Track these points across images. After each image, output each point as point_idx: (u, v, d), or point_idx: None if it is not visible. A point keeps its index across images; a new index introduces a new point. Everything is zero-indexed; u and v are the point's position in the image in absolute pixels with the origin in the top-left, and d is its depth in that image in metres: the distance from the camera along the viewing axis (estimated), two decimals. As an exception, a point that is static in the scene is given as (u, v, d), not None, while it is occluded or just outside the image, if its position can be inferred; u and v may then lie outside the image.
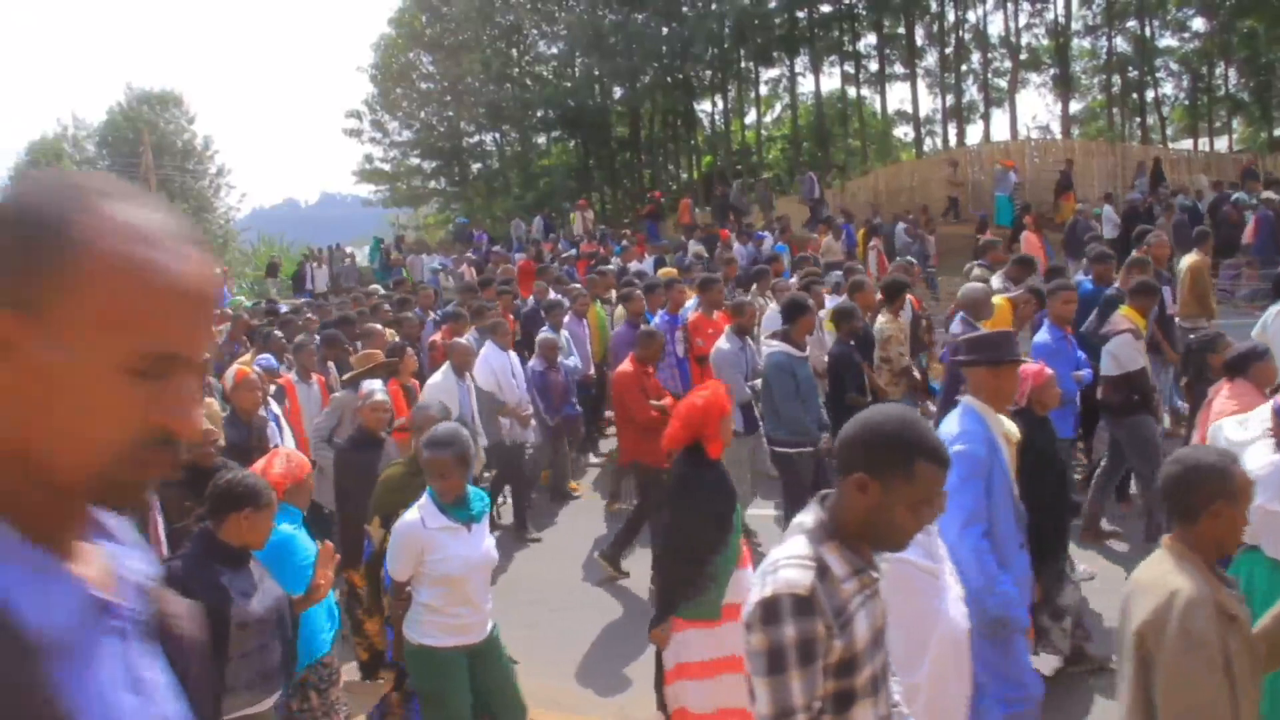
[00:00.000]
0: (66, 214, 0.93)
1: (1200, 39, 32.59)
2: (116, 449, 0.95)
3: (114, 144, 44.70)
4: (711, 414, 4.41)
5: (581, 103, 36.69)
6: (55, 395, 0.93)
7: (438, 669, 4.32)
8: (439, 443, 4.27)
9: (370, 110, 42.26)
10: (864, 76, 36.55)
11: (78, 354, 0.92)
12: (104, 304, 0.92)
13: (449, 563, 4.21)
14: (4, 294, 0.92)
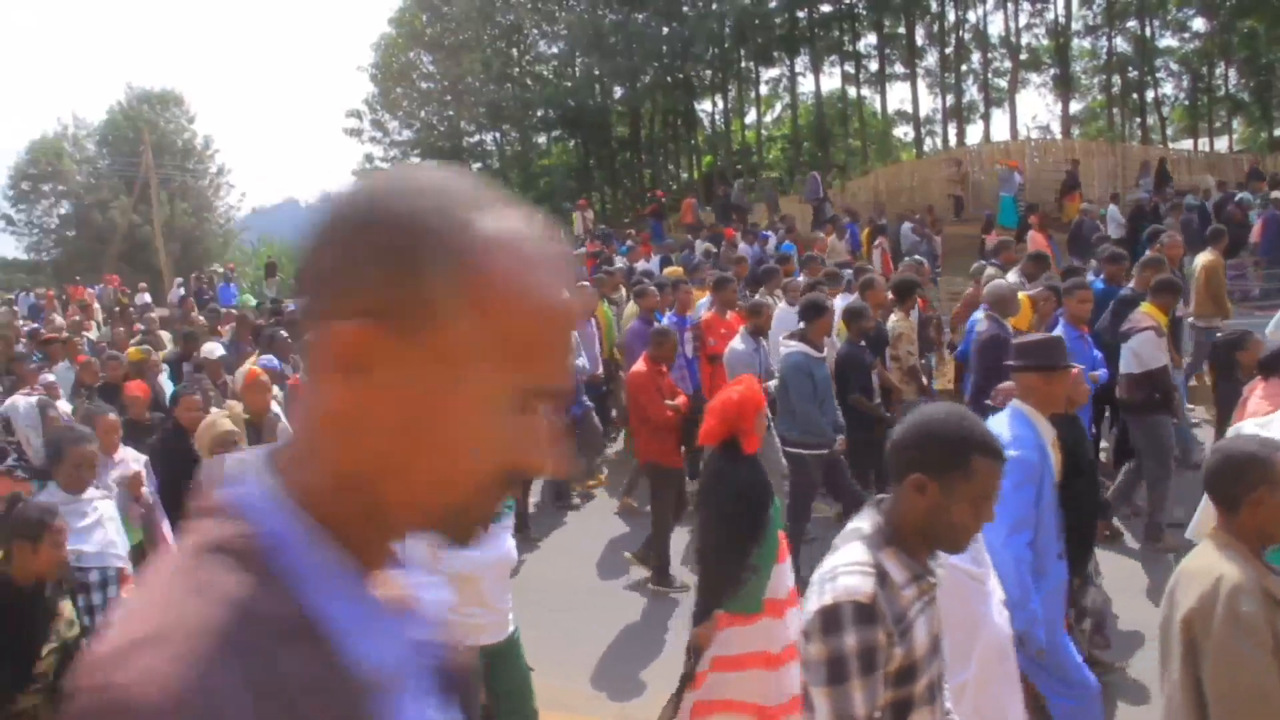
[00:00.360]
0: (451, 224, 0.83)
1: (1200, 39, 32.63)
2: (477, 484, 0.86)
3: (114, 143, 44.59)
4: (747, 409, 4.38)
5: (582, 102, 36.69)
6: (426, 423, 0.83)
7: None
8: None
9: (370, 110, 42.31)
10: (864, 76, 36.60)
11: (459, 380, 0.83)
12: (494, 328, 0.83)
13: (459, 560, 4.12)
14: (372, 305, 0.82)
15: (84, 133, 47.17)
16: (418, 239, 0.82)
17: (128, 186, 40.31)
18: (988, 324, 7.32)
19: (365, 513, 0.87)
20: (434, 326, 0.82)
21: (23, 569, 3.83)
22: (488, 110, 38.99)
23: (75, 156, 46.34)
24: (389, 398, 0.83)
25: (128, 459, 5.89)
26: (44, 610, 3.91)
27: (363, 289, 0.82)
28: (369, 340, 0.81)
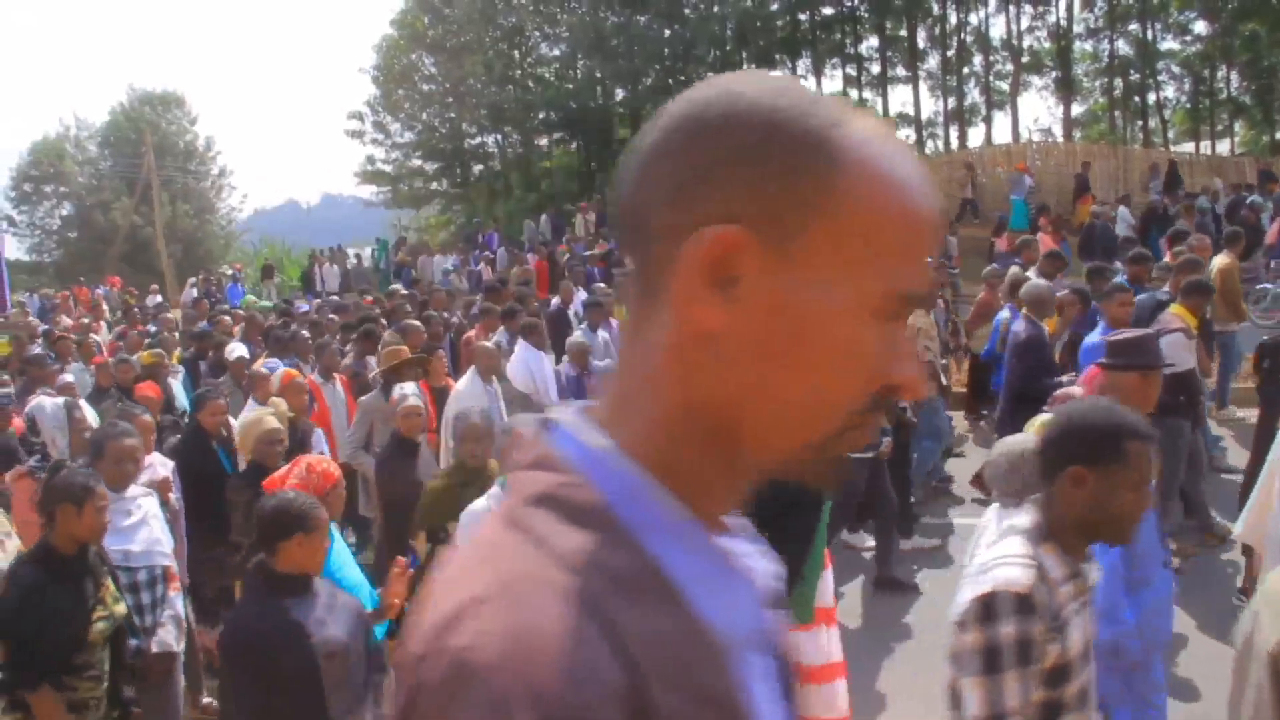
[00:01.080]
0: (819, 123, 0.77)
1: (1202, 42, 32.62)
2: (849, 406, 0.78)
3: (116, 144, 44.65)
4: None
5: (583, 104, 36.70)
6: (797, 337, 0.76)
7: None
8: None
9: (372, 111, 42.25)
10: (866, 79, 36.58)
11: (833, 288, 0.75)
12: (867, 230, 0.76)
13: None
14: (739, 210, 0.75)
15: (86, 134, 47.27)
16: (789, 138, 0.76)
17: (129, 188, 40.36)
18: (1025, 325, 7.22)
19: (714, 453, 0.80)
20: (805, 231, 0.75)
21: (65, 534, 3.82)
22: (489, 112, 39.00)
23: (77, 158, 46.40)
24: (758, 312, 0.76)
25: (156, 463, 5.81)
26: (91, 576, 3.89)
27: (729, 192, 0.76)
28: (741, 246, 0.74)
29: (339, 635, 3.36)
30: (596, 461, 0.79)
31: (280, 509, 3.44)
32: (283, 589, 3.39)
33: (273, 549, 3.40)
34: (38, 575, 3.77)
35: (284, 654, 3.20)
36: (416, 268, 24.86)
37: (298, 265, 32.92)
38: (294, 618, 3.28)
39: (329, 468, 4.29)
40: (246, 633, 3.29)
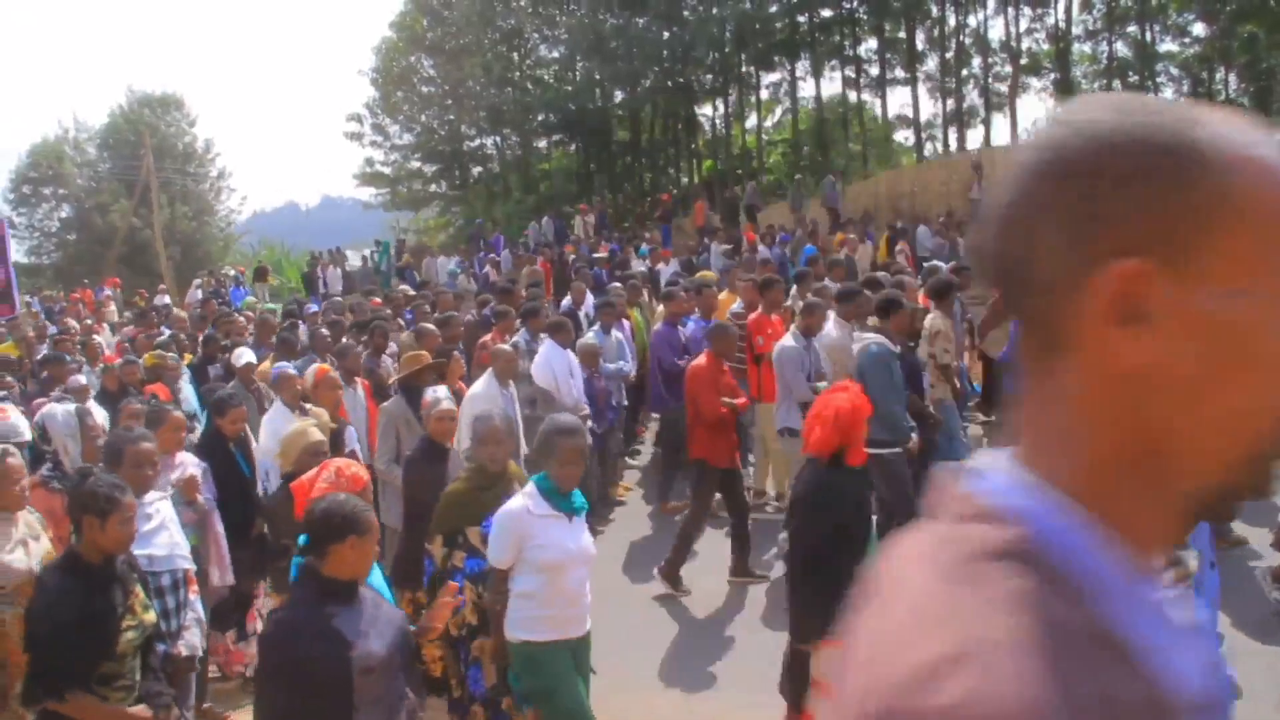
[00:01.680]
0: (1183, 129, 0.74)
1: (1201, 44, 32.67)
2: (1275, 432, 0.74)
3: (115, 146, 44.58)
4: (859, 417, 4.22)
5: (582, 106, 36.72)
6: (1224, 361, 0.73)
7: (542, 665, 4.23)
8: (569, 430, 4.28)
9: (371, 113, 42.31)
10: (865, 81, 36.59)
11: (1247, 300, 0.72)
12: (1264, 228, 0.73)
13: (549, 550, 4.18)
14: (1135, 240, 0.73)
15: (85, 136, 47.18)
16: (1159, 153, 0.73)
17: (128, 190, 40.32)
18: None
19: (1152, 492, 0.77)
20: (1204, 243, 0.72)
21: (91, 545, 3.77)
22: (488, 114, 39.03)
23: (76, 160, 46.31)
24: (1177, 338, 0.73)
25: (187, 463, 5.79)
26: (119, 585, 3.83)
27: (1117, 226, 0.73)
28: (1145, 276, 0.72)
29: (378, 649, 3.26)
30: (1037, 511, 0.76)
31: (331, 511, 3.35)
32: (330, 595, 3.29)
33: (323, 552, 3.30)
34: (65, 583, 3.72)
35: (320, 663, 3.14)
36: (421, 269, 24.86)
37: (296, 267, 32.88)
38: (335, 627, 3.20)
39: (358, 471, 4.18)
40: (286, 637, 3.24)
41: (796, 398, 7.78)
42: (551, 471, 4.26)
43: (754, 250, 18.41)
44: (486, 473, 4.76)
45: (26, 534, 4.41)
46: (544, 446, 4.30)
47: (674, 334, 9.50)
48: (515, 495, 4.34)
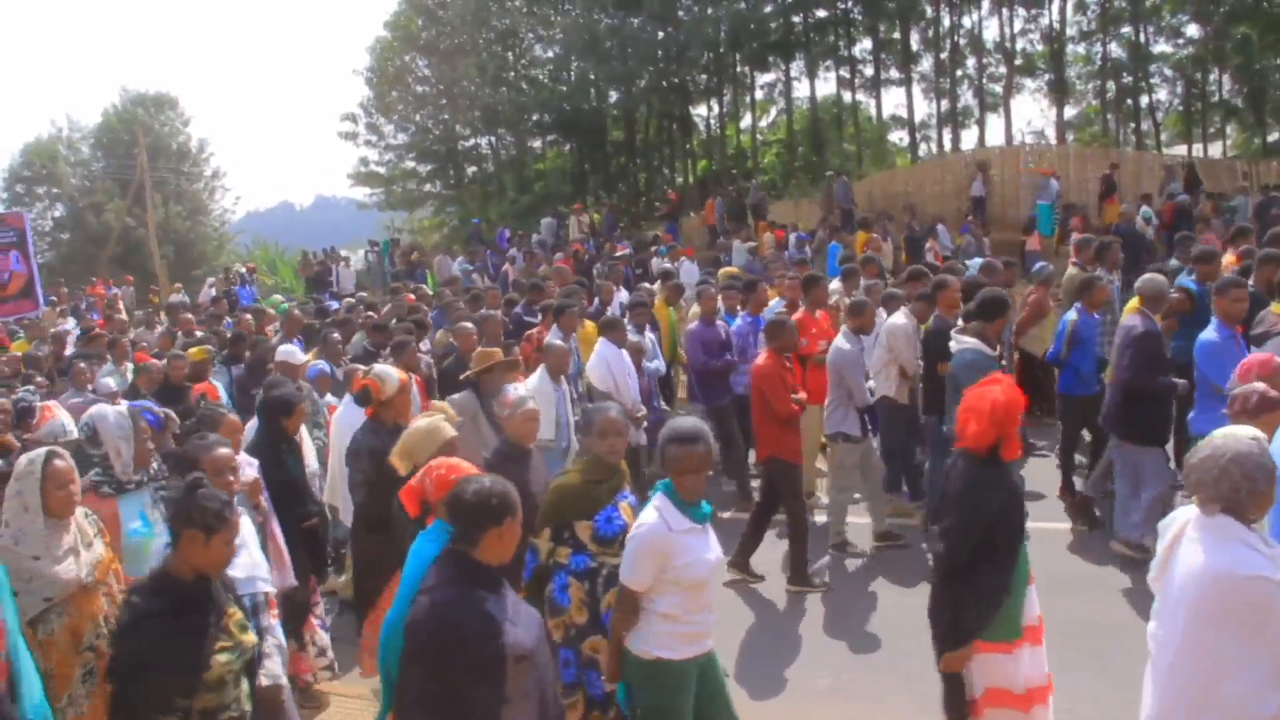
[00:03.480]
0: None
1: (1194, 45, 32.71)
2: None
3: (109, 146, 44.52)
4: (1014, 411, 4.02)
5: (577, 106, 36.72)
6: None
7: (673, 683, 3.99)
8: (691, 437, 3.97)
9: (365, 113, 42.29)
10: (859, 81, 36.66)
11: None
12: None
13: (695, 567, 3.92)
14: None
15: (78, 135, 47.10)
16: None
17: (122, 189, 40.27)
18: (1141, 320, 7.15)
19: None
20: None
21: (186, 563, 3.46)
22: (483, 114, 39.00)
23: (69, 159, 46.22)
24: None
25: (243, 463, 5.52)
26: (213, 608, 3.51)
27: None
28: None
29: (527, 639, 3.15)
30: None
31: (485, 494, 3.22)
32: (479, 580, 3.16)
33: (475, 538, 3.18)
34: (153, 604, 3.38)
35: (475, 646, 3.00)
36: (433, 268, 24.83)
37: (291, 267, 32.81)
38: (490, 611, 3.08)
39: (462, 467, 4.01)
40: (440, 617, 3.05)
41: (858, 403, 7.68)
42: (675, 481, 4.01)
43: (783, 248, 18.45)
44: (604, 465, 4.51)
45: (78, 542, 4.17)
46: (662, 455, 4.08)
47: (710, 332, 9.26)
48: (646, 509, 4.03)
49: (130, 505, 4.78)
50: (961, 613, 3.95)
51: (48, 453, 4.22)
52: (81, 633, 4.08)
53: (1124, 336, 7.24)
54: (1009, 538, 3.97)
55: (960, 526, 4.02)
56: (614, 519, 4.38)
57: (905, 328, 8.11)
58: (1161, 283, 7.51)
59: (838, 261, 13.14)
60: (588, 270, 17.96)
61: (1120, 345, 7.28)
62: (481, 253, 25.33)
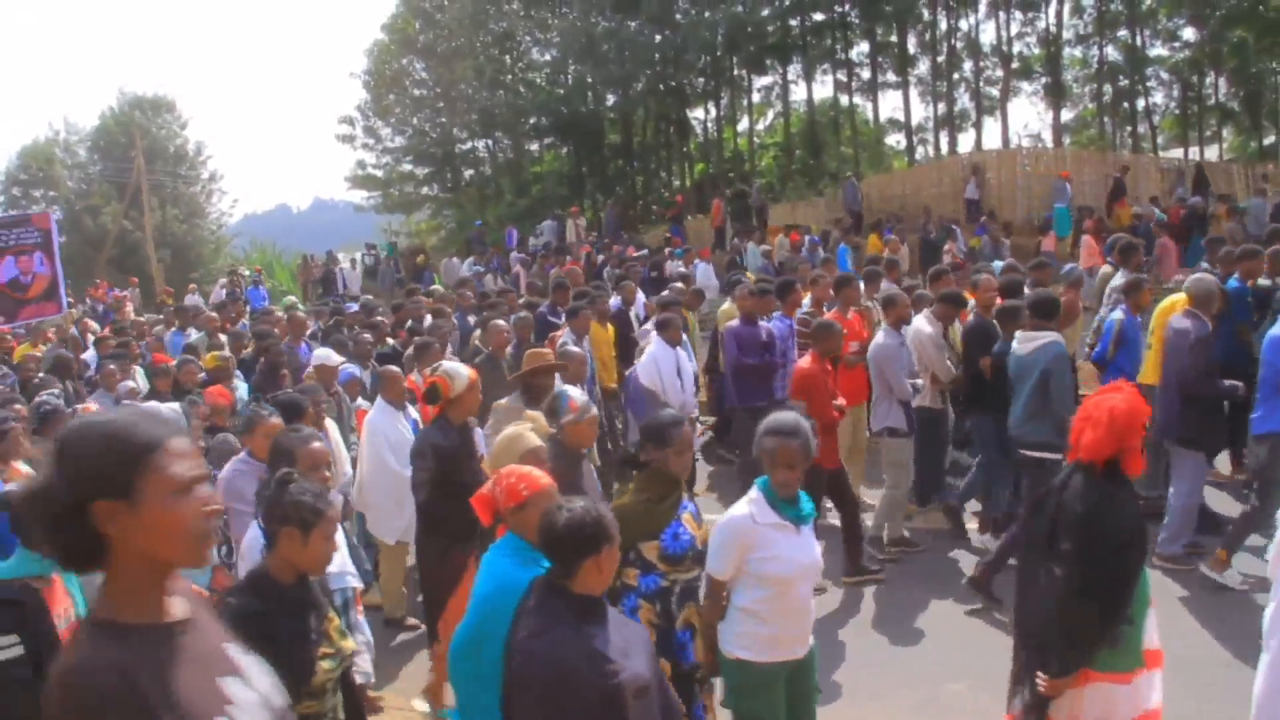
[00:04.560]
0: None
1: (1191, 48, 32.81)
2: None
3: (106, 149, 44.53)
4: (1137, 420, 3.77)
5: (574, 109, 36.74)
6: None
7: (756, 686, 3.87)
8: (786, 430, 3.86)
9: (363, 116, 42.29)
10: (856, 84, 36.67)
11: None
12: None
13: (776, 562, 3.82)
14: None
15: (75, 138, 47.11)
16: None
17: (119, 192, 40.25)
18: (1194, 322, 7.00)
19: None
20: None
21: (284, 562, 3.25)
22: (480, 117, 39.01)
23: (66, 162, 46.24)
24: None
25: None
26: (313, 609, 3.29)
27: None
28: None
29: (643, 669, 2.95)
30: None
31: (578, 523, 3.02)
32: (584, 615, 2.96)
33: (573, 570, 2.98)
34: (252, 606, 3.13)
35: (593, 688, 2.81)
36: (440, 270, 24.82)
37: (288, 270, 32.79)
38: (599, 649, 2.88)
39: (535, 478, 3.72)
40: (553, 663, 2.85)
41: (899, 395, 7.61)
42: (770, 475, 3.90)
43: (797, 250, 18.46)
44: (664, 481, 4.23)
45: None
46: (758, 449, 3.96)
47: (751, 332, 8.98)
48: (739, 502, 3.96)
49: None
50: (1074, 640, 3.74)
51: None
52: None
53: (1178, 339, 7.04)
54: (1133, 563, 3.73)
55: (1083, 551, 3.73)
56: (680, 535, 4.16)
57: (932, 334, 7.99)
58: (1211, 283, 7.31)
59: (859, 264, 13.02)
60: (598, 273, 17.93)
61: (1174, 348, 7.06)
62: (490, 254, 25.29)
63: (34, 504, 1.71)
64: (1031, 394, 6.64)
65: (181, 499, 1.74)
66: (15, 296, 14.89)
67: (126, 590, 1.75)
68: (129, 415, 1.80)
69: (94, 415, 1.78)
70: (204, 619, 1.88)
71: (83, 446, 1.71)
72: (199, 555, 1.80)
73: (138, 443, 1.72)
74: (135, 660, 1.65)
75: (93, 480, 1.68)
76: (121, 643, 1.67)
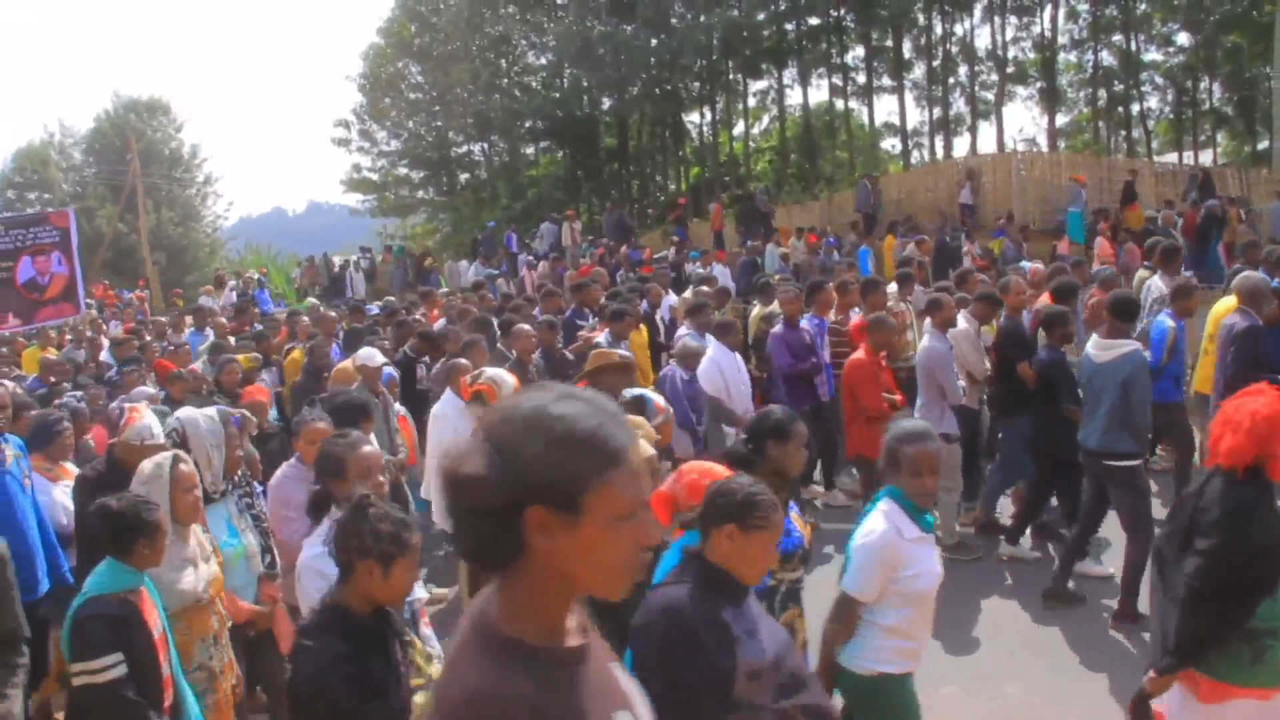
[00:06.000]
0: None
1: (1185, 53, 32.90)
2: None
3: (101, 152, 44.45)
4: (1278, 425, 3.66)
5: (570, 113, 36.77)
6: None
7: (898, 699, 3.76)
8: (922, 435, 3.73)
9: (358, 119, 42.22)
10: (852, 89, 36.73)
11: None
12: None
13: (924, 579, 3.70)
14: None
15: (70, 141, 47.06)
16: None
17: (114, 195, 40.16)
18: (1243, 318, 6.97)
19: None
20: None
21: (363, 594, 2.93)
22: (476, 120, 39.02)
23: (61, 164, 46.17)
24: None
25: None
26: (397, 639, 3.04)
27: None
28: None
29: (767, 654, 2.78)
30: None
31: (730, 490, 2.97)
32: (719, 586, 2.86)
33: (707, 534, 2.93)
34: (334, 647, 2.82)
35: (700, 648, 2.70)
36: (445, 273, 24.80)
37: (284, 273, 32.73)
38: (723, 618, 2.77)
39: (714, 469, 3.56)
40: (666, 609, 2.78)
41: (951, 401, 7.46)
42: (907, 484, 3.75)
43: (815, 253, 18.50)
44: (777, 477, 4.04)
45: (198, 553, 4.02)
46: (890, 456, 3.82)
47: (795, 335, 8.97)
48: (872, 514, 3.79)
49: (217, 516, 4.54)
50: (1188, 639, 3.65)
51: (174, 456, 4.06)
52: (191, 651, 3.95)
53: (1226, 335, 6.98)
54: (1267, 572, 3.59)
55: (1218, 554, 3.63)
56: (791, 532, 3.97)
57: (967, 332, 7.91)
58: (1259, 280, 7.26)
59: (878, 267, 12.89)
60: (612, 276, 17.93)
61: (1224, 347, 7.00)
62: (500, 257, 25.20)
63: (460, 491, 1.46)
64: (1113, 404, 6.35)
65: (625, 525, 1.48)
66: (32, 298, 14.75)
67: (534, 608, 1.51)
68: (589, 411, 1.48)
69: (548, 401, 1.47)
70: (596, 643, 1.64)
71: (534, 442, 1.43)
72: (620, 590, 1.53)
73: (602, 451, 1.44)
74: (543, 690, 1.45)
75: (536, 485, 1.42)
76: (528, 668, 1.46)
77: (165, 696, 3.55)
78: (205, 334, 13.33)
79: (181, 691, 3.68)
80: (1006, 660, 5.98)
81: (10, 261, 14.74)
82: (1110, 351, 6.45)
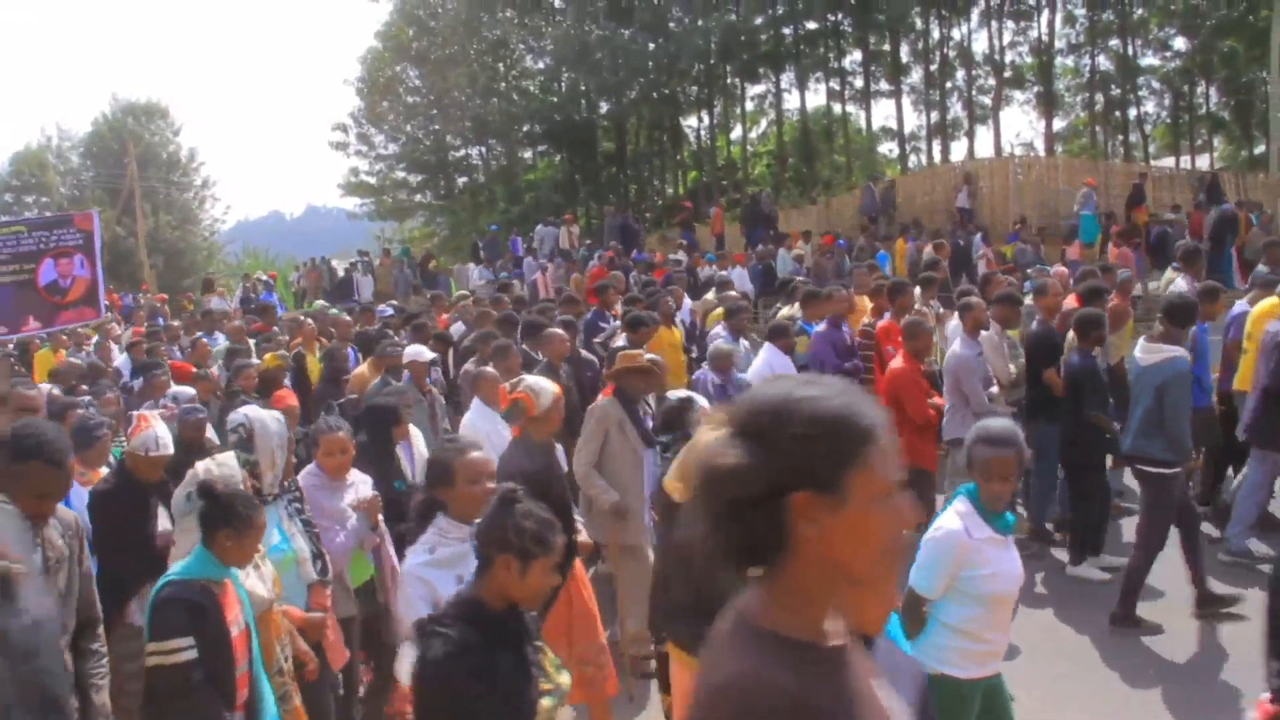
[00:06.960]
0: None
1: (1182, 58, 32.93)
2: None
3: (99, 155, 44.43)
4: None
5: (567, 117, 36.78)
6: None
7: (953, 702, 3.68)
8: (1001, 439, 3.70)
9: (356, 123, 42.21)
10: (849, 93, 36.80)
11: None
12: None
13: (995, 580, 3.67)
14: None
15: (68, 144, 47.03)
16: None
17: (112, 198, 40.13)
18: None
19: None
20: None
21: (499, 590, 2.89)
22: (473, 124, 39.02)
23: (59, 168, 46.13)
24: None
25: (358, 481, 5.07)
26: (529, 641, 2.98)
27: None
28: None
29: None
30: None
31: None
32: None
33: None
34: (466, 637, 2.76)
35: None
36: (454, 276, 24.79)
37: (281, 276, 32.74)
38: None
39: None
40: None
41: (975, 408, 7.14)
42: (981, 486, 3.74)
43: (830, 255, 18.54)
44: None
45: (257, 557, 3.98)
46: (967, 454, 3.82)
47: (838, 335, 8.93)
48: (946, 512, 3.80)
49: (268, 519, 4.36)
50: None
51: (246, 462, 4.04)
52: (272, 652, 3.93)
53: (1269, 340, 6.92)
54: None
55: None
56: None
57: (991, 336, 7.77)
58: None
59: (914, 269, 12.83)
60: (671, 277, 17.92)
61: (1266, 350, 6.93)
62: (506, 260, 25.18)
63: (721, 484, 1.42)
64: (1147, 408, 6.28)
65: (885, 505, 1.44)
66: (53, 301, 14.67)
67: (798, 600, 1.46)
68: (834, 391, 1.45)
69: (792, 387, 1.45)
70: (858, 650, 1.57)
71: (793, 426, 1.40)
72: (886, 574, 1.48)
73: (857, 430, 1.41)
74: (804, 683, 1.40)
75: (799, 469, 1.39)
76: (789, 661, 1.42)
77: (239, 694, 3.56)
78: (216, 337, 13.20)
79: (260, 690, 3.67)
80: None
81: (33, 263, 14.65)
82: (1154, 355, 6.36)
